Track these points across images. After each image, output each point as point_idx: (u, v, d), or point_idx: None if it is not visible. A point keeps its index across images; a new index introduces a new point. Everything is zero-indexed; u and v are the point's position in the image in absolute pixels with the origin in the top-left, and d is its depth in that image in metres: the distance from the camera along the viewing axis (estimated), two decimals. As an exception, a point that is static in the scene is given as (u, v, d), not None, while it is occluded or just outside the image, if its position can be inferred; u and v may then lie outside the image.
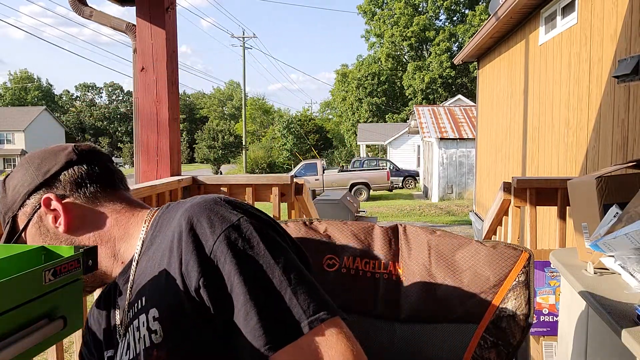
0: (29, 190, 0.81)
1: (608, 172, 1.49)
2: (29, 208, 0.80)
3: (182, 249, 0.67)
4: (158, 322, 0.68)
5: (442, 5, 35.89)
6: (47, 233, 0.80)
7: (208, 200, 0.72)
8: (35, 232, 0.80)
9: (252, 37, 34.85)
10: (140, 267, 0.77)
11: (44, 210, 0.79)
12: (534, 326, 2.14)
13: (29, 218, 0.80)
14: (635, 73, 2.21)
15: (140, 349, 0.70)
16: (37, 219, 0.80)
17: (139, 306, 0.73)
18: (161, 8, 2.09)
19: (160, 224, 0.78)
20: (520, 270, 0.92)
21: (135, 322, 0.73)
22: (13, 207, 0.82)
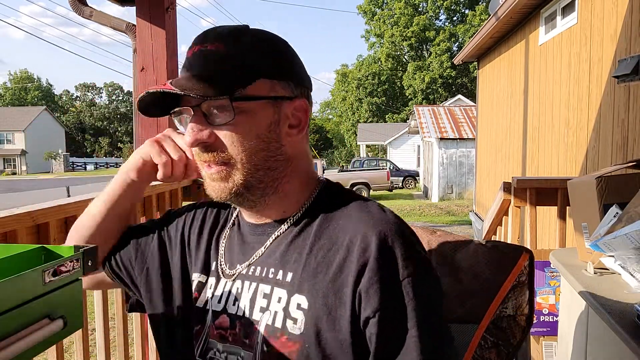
0: (305, 81, 0.75)
1: (608, 172, 1.49)
2: (288, 92, 0.72)
3: (368, 267, 0.65)
4: (303, 314, 0.67)
5: (442, 5, 35.89)
6: (270, 128, 0.71)
7: (397, 222, 0.70)
8: (265, 114, 0.70)
9: (252, 37, 34.79)
10: (293, 235, 0.73)
11: (293, 111, 0.73)
12: (534, 326, 2.14)
13: (283, 96, 0.71)
14: (635, 73, 2.21)
15: (261, 319, 0.70)
16: (279, 109, 0.71)
17: (279, 277, 0.71)
18: (161, 8, 2.09)
19: (329, 209, 0.74)
20: (521, 270, 0.92)
21: (262, 286, 0.72)
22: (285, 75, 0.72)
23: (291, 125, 0.73)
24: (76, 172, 43.34)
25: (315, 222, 0.73)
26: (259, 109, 0.69)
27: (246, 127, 0.69)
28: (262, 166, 0.71)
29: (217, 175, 0.71)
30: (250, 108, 0.69)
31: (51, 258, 0.70)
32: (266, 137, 0.70)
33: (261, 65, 0.70)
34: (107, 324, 1.48)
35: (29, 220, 1.11)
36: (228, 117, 0.68)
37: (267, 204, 0.74)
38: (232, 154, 0.69)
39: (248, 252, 0.77)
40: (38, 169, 43.03)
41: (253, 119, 0.69)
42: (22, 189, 23.99)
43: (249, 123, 0.69)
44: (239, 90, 0.67)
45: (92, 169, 46.87)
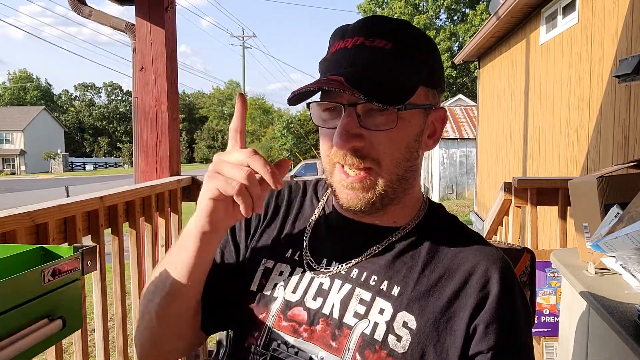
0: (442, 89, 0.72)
1: (609, 172, 1.48)
2: (436, 100, 0.70)
3: (489, 302, 0.65)
4: (409, 334, 0.64)
5: (443, 4, 35.89)
6: (417, 137, 0.68)
7: (507, 260, 0.70)
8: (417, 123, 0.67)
9: (252, 36, 34.89)
10: (402, 249, 0.70)
11: (433, 120, 0.71)
12: (535, 327, 2.14)
13: (432, 105, 0.69)
14: (636, 73, 2.21)
15: (356, 325, 0.66)
16: (427, 118, 0.69)
17: (383, 287, 0.67)
18: (161, 7, 2.09)
19: (439, 231, 0.72)
20: (522, 270, 0.91)
21: (360, 291, 0.68)
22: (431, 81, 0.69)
23: (429, 136, 0.71)
24: (75, 172, 43.34)
25: (426, 241, 0.70)
26: (414, 117, 0.67)
27: (400, 136, 0.65)
28: (402, 176, 0.68)
29: (358, 185, 0.66)
30: (408, 116, 0.65)
31: (50, 258, 0.70)
32: (413, 147, 0.67)
33: (423, 72, 0.67)
34: (107, 325, 1.48)
35: (28, 220, 1.10)
36: (388, 124, 0.63)
37: (386, 213, 0.71)
38: (381, 161, 0.65)
39: (345, 250, 0.72)
40: (37, 169, 43.02)
41: (408, 127, 0.66)
42: (21, 189, 23.99)
43: (404, 132, 0.66)
44: (407, 104, 0.64)
45: (91, 169, 46.88)
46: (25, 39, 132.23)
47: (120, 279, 1.55)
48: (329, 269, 0.71)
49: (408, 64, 0.65)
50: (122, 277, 1.56)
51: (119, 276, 1.55)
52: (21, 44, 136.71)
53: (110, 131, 62.63)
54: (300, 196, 0.81)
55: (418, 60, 0.67)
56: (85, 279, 0.74)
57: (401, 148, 0.66)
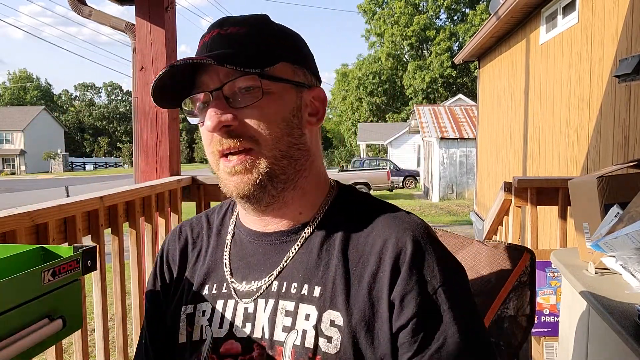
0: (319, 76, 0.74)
1: (609, 172, 1.48)
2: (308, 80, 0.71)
3: (402, 274, 0.62)
4: (338, 331, 0.62)
5: (443, 4, 35.88)
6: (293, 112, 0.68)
7: (426, 226, 0.68)
8: (289, 98, 0.68)
9: (252, 36, 34.75)
10: (315, 244, 0.68)
11: (312, 99, 0.71)
12: (535, 326, 2.14)
13: (304, 83, 0.70)
14: (636, 73, 2.21)
15: (286, 340, 0.64)
16: (301, 95, 0.69)
17: (304, 292, 0.65)
18: (161, 7, 2.09)
19: (350, 214, 0.70)
20: (522, 270, 0.91)
21: (283, 303, 0.66)
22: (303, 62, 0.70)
23: (311, 114, 0.71)
24: (75, 172, 43.35)
25: (338, 229, 0.69)
26: (284, 91, 0.67)
27: (272, 109, 0.65)
28: (286, 153, 0.67)
29: (240, 167, 0.65)
30: (276, 90, 0.66)
31: (50, 258, 0.70)
32: (290, 122, 0.67)
33: (283, 49, 0.68)
34: (107, 325, 1.48)
35: (28, 220, 1.10)
36: (255, 98, 0.64)
37: (286, 201, 0.69)
38: (258, 138, 0.65)
39: (262, 266, 0.70)
40: (37, 169, 43.02)
41: (279, 101, 0.66)
42: (21, 188, 23.99)
43: (275, 105, 0.66)
44: (267, 69, 0.64)
45: (91, 169, 46.89)
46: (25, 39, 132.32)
47: (120, 279, 1.55)
48: (251, 290, 0.69)
49: (265, 39, 0.67)
50: (122, 277, 1.56)
51: (119, 276, 1.55)
52: (21, 44, 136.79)
53: (110, 131, 62.64)
54: (206, 229, 0.79)
55: (275, 38, 0.68)
56: (85, 279, 0.74)
57: (276, 122, 0.66)
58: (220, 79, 0.64)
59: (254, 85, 0.64)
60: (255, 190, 0.66)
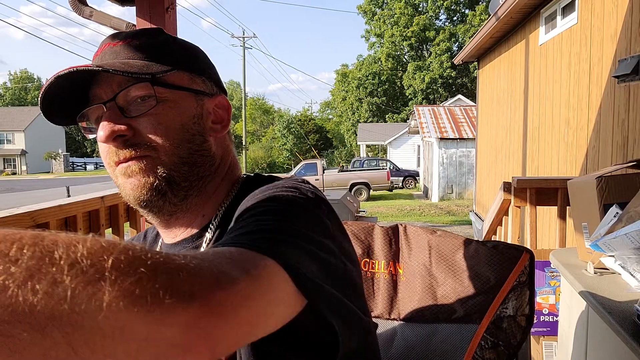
0: (222, 86, 0.73)
1: (608, 172, 1.49)
2: (208, 89, 0.70)
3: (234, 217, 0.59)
4: None
5: (442, 5, 35.88)
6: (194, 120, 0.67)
7: (290, 179, 0.66)
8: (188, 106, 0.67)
9: (252, 37, 34.84)
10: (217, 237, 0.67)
11: (214, 108, 0.70)
12: (534, 326, 2.14)
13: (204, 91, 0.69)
14: (636, 73, 2.21)
15: None
16: (202, 103, 0.68)
17: None
18: (161, 8, 2.09)
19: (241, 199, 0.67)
20: (521, 270, 0.92)
21: None
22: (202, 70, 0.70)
23: (214, 121, 0.70)
24: (76, 172, 43.34)
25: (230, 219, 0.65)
26: (181, 99, 0.66)
27: (169, 116, 0.64)
28: (187, 160, 0.65)
29: (136, 167, 0.63)
30: (172, 97, 0.65)
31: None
32: (190, 129, 0.66)
33: (179, 58, 0.68)
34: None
35: (28, 220, 1.11)
36: (149, 106, 0.63)
37: (190, 208, 0.68)
38: (155, 145, 0.63)
39: None
40: (38, 169, 43.03)
41: (176, 108, 0.65)
42: (22, 189, 23.99)
43: (172, 112, 0.64)
44: (160, 76, 0.63)
45: (92, 169, 46.87)
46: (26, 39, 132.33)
47: (121, 279, 1.55)
48: None
49: (158, 49, 0.66)
50: (122, 277, 1.56)
51: (119, 276, 1.55)
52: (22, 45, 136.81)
53: (111, 131, 62.50)
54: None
55: (169, 48, 0.68)
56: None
57: (174, 128, 0.64)
58: (113, 90, 0.63)
59: (148, 93, 0.63)
60: (153, 197, 0.64)
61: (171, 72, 0.65)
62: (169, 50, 0.68)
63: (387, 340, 0.94)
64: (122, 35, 0.68)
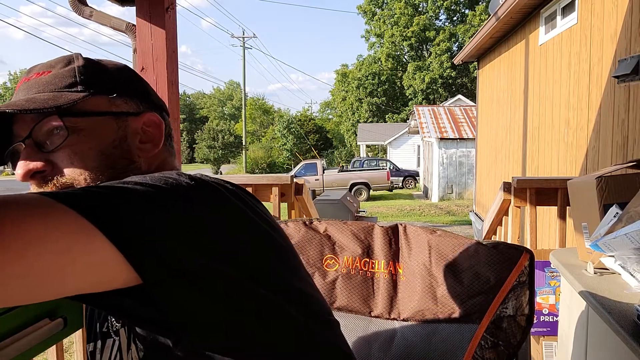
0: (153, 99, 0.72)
1: (608, 172, 1.49)
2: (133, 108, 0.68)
3: None
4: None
5: (442, 5, 35.89)
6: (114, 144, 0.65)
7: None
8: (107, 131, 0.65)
9: (252, 37, 34.86)
10: None
11: (143, 126, 0.68)
12: (534, 326, 2.14)
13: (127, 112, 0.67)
14: (636, 73, 2.21)
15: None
16: (125, 124, 0.67)
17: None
18: (161, 8, 2.09)
19: None
20: (521, 270, 0.92)
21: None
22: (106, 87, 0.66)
23: (142, 141, 0.68)
24: (76, 172, 43.31)
25: None
26: (98, 125, 0.64)
27: (85, 146, 0.63)
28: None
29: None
30: (87, 126, 0.63)
31: (51, 258, 0.70)
32: (111, 154, 0.64)
33: (94, 82, 0.65)
34: (107, 324, 1.48)
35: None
36: (61, 138, 0.61)
37: None
38: (73, 176, 0.62)
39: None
40: (38, 169, 43.05)
41: (91, 136, 0.63)
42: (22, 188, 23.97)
43: (88, 141, 0.63)
44: (68, 105, 0.61)
45: (92, 169, 46.86)
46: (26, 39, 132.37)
47: (121, 279, 1.55)
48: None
49: (67, 78, 0.64)
50: (122, 277, 1.56)
51: (119, 276, 1.55)
52: (22, 45, 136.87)
53: (110, 131, 62.57)
54: None
55: (87, 75, 0.65)
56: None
57: (91, 157, 0.63)
58: (29, 126, 0.62)
59: (58, 125, 0.61)
60: None
61: (84, 99, 0.63)
62: (83, 76, 0.65)
63: (387, 340, 0.94)
64: (37, 67, 0.66)
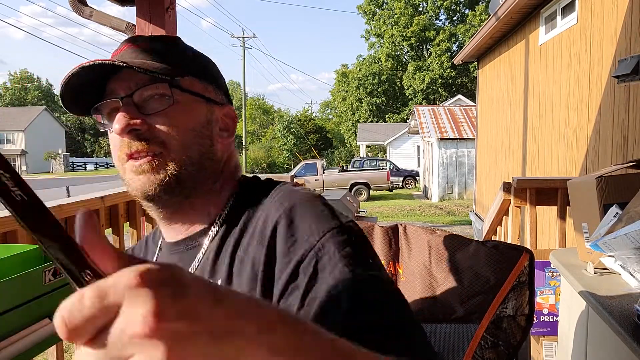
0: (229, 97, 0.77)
1: (608, 172, 1.49)
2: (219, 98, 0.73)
3: (277, 242, 0.61)
4: None
5: (442, 5, 35.88)
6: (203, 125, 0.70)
7: (307, 194, 0.67)
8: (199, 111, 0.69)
9: (252, 37, 34.82)
10: (219, 241, 0.68)
11: (223, 116, 0.74)
12: (534, 326, 2.14)
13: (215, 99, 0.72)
14: (636, 73, 2.21)
15: None
16: (212, 110, 0.72)
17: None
18: (161, 8, 2.09)
19: (247, 203, 0.70)
20: (521, 270, 0.92)
21: None
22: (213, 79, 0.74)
23: (222, 129, 0.73)
24: (76, 172, 43.34)
25: (237, 221, 0.69)
26: (194, 104, 0.69)
27: (182, 118, 0.67)
28: (196, 161, 0.68)
29: (147, 166, 0.65)
30: (186, 100, 0.68)
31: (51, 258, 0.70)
32: (200, 133, 0.69)
33: (193, 66, 0.71)
34: (107, 324, 1.48)
35: (29, 220, 1.11)
36: (165, 105, 0.66)
37: (193, 207, 0.70)
38: (167, 142, 0.66)
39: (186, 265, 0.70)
40: (38, 169, 43.02)
41: (189, 111, 0.68)
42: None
43: (185, 114, 0.67)
44: (177, 79, 0.67)
45: (92, 169, 46.88)
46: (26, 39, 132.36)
47: (121, 279, 1.55)
48: None
49: (175, 54, 0.70)
50: (122, 277, 1.56)
51: (119, 276, 1.55)
52: (22, 45, 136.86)
53: (111, 131, 62.53)
54: (144, 252, 0.80)
55: (186, 55, 0.72)
56: (86, 278, 0.74)
57: (185, 130, 0.67)
58: (130, 87, 0.66)
59: (164, 93, 0.66)
60: (160, 192, 0.66)
61: (187, 77, 0.69)
62: (185, 57, 0.71)
63: (387, 340, 0.94)
64: (142, 38, 0.71)
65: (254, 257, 0.63)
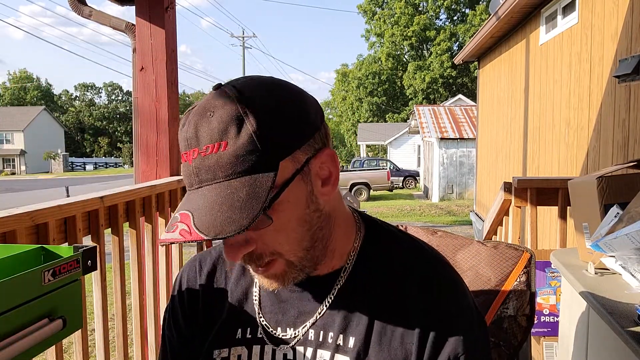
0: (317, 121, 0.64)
1: (609, 172, 1.48)
2: (311, 151, 0.62)
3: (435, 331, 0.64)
4: None
5: (443, 4, 35.89)
6: (307, 203, 0.62)
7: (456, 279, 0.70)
8: (299, 192, 0.61)
9: (252, 36, 34.85)
10: (347, 292, 0.67)
11: (320, 165, 0.63)
12: (535, 326, 2.14)
13: (307, 159, 0.61)
14: (636, 73, 2.21)
15: None
16: (308, 174, 0.62)
17: (340, 342, 0.65)
18: (161, 7, 2.09)
19: (377, 257, 0.69)
20: (522, 270, 0.92)
21: (321, 352, 0.66)
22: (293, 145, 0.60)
23: (324, 182, 0.64)
24: (75, 172, 43.35)
25: (370, 276, 0.68)
26: (291, 191, 0.59)
27: (286, 220, 0.60)
28: (311, 245, 0.64)
29: (270, 273, 0.64)
30: (284, 199, 0.58)
31: (51, 258, 0.70)
32: (307, 216, 0.62)
33: (276, 148, 0.57)
34: (107, 324, 1.48)
35: (28, 220, 1.11)
36: (265, 222, 0.58)
37: (321, 265, 0.68)
38: (280, 251, 0.62)
39: (298, 313, 0.69)
40: (37, 169, 43.03)
41: (291, 206, 0.60)
42: (21, 189, 23.99)
43: (288, 213, 0.60)
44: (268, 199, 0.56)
45: (91, 169, 46.89)
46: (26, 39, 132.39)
47: (121, 279, 1.55)
48: (287, 337, 0.68)
49: (249, 152, 0.56)
50: (122, 277, 1.56)
51: (119, 276, 1.55)
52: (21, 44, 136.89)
53: (111, 131, 62.62)
54: (227, 265, 0.77)
55: (266, 138, 0.56)
56: (85, 279, 0.74)
57: (293, 229, 0.61)
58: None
59: (263, 219, 0.58)
60: (292, 284, 0.66)
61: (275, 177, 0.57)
62: (266, 141, 0.56)
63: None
64: (205, 131, 0.57)
65: (405, 323, 0.65)
